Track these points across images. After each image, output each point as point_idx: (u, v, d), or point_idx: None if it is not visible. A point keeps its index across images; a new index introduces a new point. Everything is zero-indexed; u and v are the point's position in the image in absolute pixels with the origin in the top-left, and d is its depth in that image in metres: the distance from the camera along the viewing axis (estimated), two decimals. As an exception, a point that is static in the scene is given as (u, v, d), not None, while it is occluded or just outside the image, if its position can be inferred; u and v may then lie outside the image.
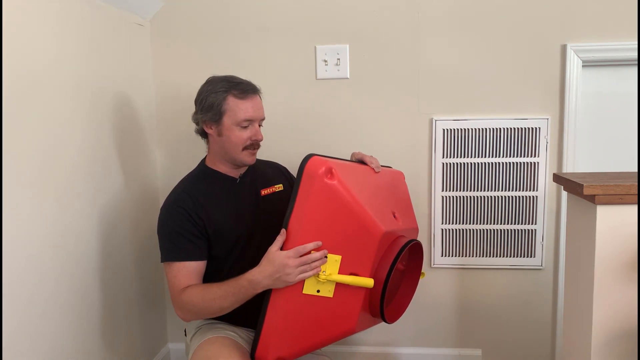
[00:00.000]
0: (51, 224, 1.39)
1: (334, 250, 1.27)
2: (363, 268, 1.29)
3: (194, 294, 1.34)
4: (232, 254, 1.45)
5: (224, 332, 1.43)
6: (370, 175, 1.47)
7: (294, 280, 1.23)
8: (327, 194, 1.24)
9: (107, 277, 1.68)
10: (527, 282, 1.99)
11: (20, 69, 1.27)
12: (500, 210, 1.95)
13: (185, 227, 1.38)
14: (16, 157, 1.25)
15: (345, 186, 1.26)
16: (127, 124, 1.82)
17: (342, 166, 1.34)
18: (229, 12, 1.95)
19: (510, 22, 1.86)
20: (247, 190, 1.51)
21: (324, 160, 1.27)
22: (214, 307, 1.32)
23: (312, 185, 1.24)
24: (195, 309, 1.34)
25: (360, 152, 1.54)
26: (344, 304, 1.30)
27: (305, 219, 1.25)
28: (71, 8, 1.49)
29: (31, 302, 1.31)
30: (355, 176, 1.37)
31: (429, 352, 2.06)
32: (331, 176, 1.25)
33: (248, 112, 1.40)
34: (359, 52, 1.93)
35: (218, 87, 1.41)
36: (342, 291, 1.29)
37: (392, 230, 1.36)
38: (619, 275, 1.19)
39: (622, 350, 1.22)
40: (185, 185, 1.46)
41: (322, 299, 1.28)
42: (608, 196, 1.16)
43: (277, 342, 1.30)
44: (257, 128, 1.44)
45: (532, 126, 1.89)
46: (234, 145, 1.42)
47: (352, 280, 1.27)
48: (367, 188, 1.39)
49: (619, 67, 1.89)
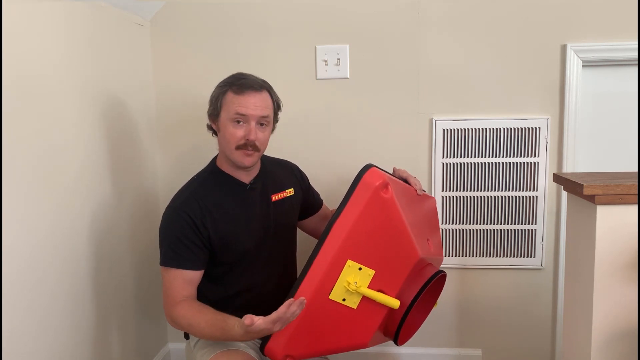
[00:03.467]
0: (50, 226, 1.39)
1: (369, 264, 1.27)
2: (391, 288, 1.30)
3: (184, 316, 1.32)
4: (242, 261, 1.44)
5: (235, 344, 1.40)
6: (413, 197, 1.48)
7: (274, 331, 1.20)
8: (378, 207, 1.26)
9: (107, 278, 1.68)
10: (527, 282, 1.99)
11: (20, 70, 1.27)
12: (500, 210, 1.95)
13: (188, 235, 1.35)
14: (15, 158, 1.25)
15: (395, 204, 1.28)
16: (126, 124, 1.82)
17: (395, 183, 1.36)
18: (229, 12, 1.95)
19: (510, 22, 1.86)
20: (257, 197, 1.46)
21: (382, 174, 1.29)
22: (197, 333, 1.35)
23: (366, 195, 1.25)
24: (181, 327, 1.36)
25: (405, 171, 1.53)
26: (364, 319, 1.30)
27: (349, 225, 1.25)
28: (71, 8, 1.49)
29: (31, 302, 1.31)
30: (404, 196, 1.39)
31: (429, 352, 2.06)
32: (386, 191, 1.26)
33: (241, 107, 1.33)
34: (359, 52, 1.93)
35: (224, 82, 1.39)
36: (366, 305, 1.29)
37: (426, 256, 1.36)
38: (619, 275, 1.19)
39: (622, 350, 1.22)
40: (195, 188, 1.41)
41: (345, 308, 1.28)
42: (608, 196, 1.16)
43: (289, 340, 1.29)
44: (252, 127, 1.34)
45: (532, 126, 1.89)
46: (227, 143, 1.36)
47: (380, 298, 1.27)
48: (411, 210, 1.40)
49: (619, 67, 1.89)
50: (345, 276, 1.26)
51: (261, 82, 1.40)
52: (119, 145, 1.75)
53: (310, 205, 1.65)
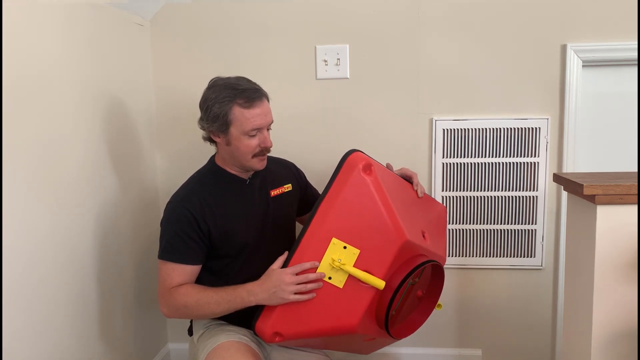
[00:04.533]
0: (50, 226, 1.39)
1: (353, 242, 1.30)
2: (378, 270, 1.30)
3: (190, 294, 1.34)
4: (241, 255, 1.45)
5: (237, 335, 1.41)
6: (410, 192, 1.51)
7: (289, 298, 1.27)
8: (360, 186, 1.31)
9: (107, 278, 1.68)
10: (527, 282, 1.99)
11: (20, 70, 1.27)
12: (500, 210, 1.95)
13: (187, 231, 1.37)
14: (15, 158, 1.25)
15: (379, 185, 1.32)
16: (126, 124, 1.82)
17: (383, 170, 1.40)
18: (229, 12, 1.95)
19: (510, 22, 1.86)
20: (256, 192, 1.49)
21: (365, 157, 1.35)
22: (206, 311, 1.35)
23: (349, 176, 1.31)
24: (186, 310, 1.36)
25: (411, 170, 1.56)
26: (351, 299, 1.31)
27: (334, 205, 1.30)
28: (71, 8, 1.49)
29: (31, 302, 1.31)
30: (393, 184, 1.42)
31: (429, 352, 2.06)
32: (369, 172, 1.32)
33: (255, 121, 1.36)
34: (359, 52, 1.93)
35: (222, 95, 1.35)
36: (353, 286, 1.30)
37: (417, 244, 1.36)
38: (619, 275, 1.19)
39: (622, 350, 1.22)
40: (194, 185, 1.44)
41: (331, 286, 1.30)
42: (608, 196, 1.16)
43: (277, 317, 1.32)
44: (265, 135, 1.40)
45: (532, 126, 1.89)
46: (243, 154, 1.39)
47: (364, 277, 1.28)
48: (402, 199, 1.42)
49: (619, 67, 1.89)
50: (330, 254, 1.29)
51: (257, 87, 1.41)
52: (119, 144, 1.75)
53: (309, 201, 1.66)
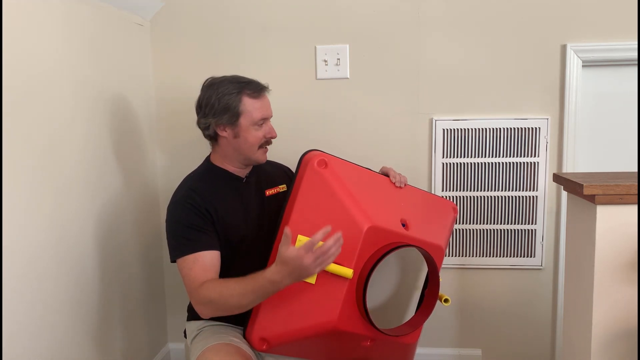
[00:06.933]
0: (50, 225, 1.39)
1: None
2: (348, 260, 1.31)
3: (211, 289, 1.30)
4: (237, 253, 1.44)
5: (227, 338, 1.40)
6: (384, 184, 1.49)
7: (315, 272, 1.21)
8: (317, 181, 1.36)
9: (107, 278, 1.68)
10: (527, 282, 1.99)
11: (20, 69, 1.27)
12: (500, 210, 1.95)
13: (194, 221, 1.36)
14: (16, 157, 1.25)
15: (337, 177, 1.36)
16: (126, 124, 1.82)
17: (343, 164, 1.43)
18: (229, 12, 1.95)
19: (510, 22, 1.86)
20: (252, 190, 1.50)
21: (321, 154, 1.40)
22: (232, 304, 1.28)
23: (304, 173, 1.37)
24: (213, 305, 1.31)
25: (390, 168, 1.55)
26: (327, 294, 1.32)
27: (294, 202, 1.36)
28: (71, 8, 1.49)
29: (31, 302, 1.32)
30: (358, 177, 1.44)
31: (429, 352, 2.06)
32: (324, 166, 1.37)
33: (263, 111, 1.42)
34: (359, 52, 1.93)
35: (230, 88, 1.39)
36: (325, 280, 1.31)
37: (390, 230, 1.36)
38: (619, 275, 1.19)
39: (622, 350, 1.22)
40: (191, 183, 1.44)
41: (305, 284, 1.31)
42: (608, 196, 1.16)
43: (259, 322, 1.35)
44: (270, 126, 1.46)
45: (532, 126, 1.89)
46: (251, 145, 1.42)
47: (331, 268, 1.28)
48: (369, 190, 1.42)
49: (619, 67, 1.89)
50: None
51: (259, 81, 1.46)
52: (120, 145, 1.75)
53: None
